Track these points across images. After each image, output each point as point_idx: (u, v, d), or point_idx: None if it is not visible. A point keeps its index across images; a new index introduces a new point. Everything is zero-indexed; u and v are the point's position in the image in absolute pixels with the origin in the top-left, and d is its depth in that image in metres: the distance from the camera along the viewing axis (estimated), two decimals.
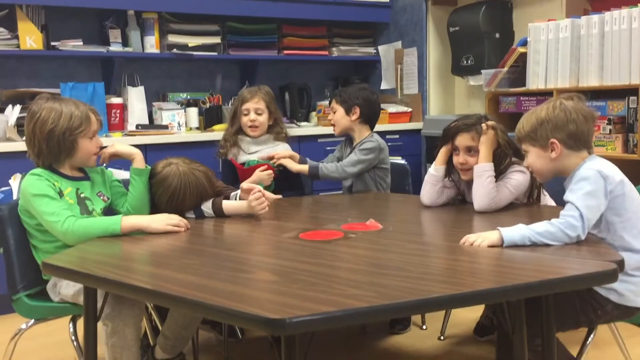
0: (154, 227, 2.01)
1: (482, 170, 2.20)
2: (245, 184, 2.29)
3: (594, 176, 1.76)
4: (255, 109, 2.80)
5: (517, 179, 2.22)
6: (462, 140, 2.28)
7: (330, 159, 2.97)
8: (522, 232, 1.73)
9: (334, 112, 2.89)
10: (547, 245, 1.71)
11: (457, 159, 2.31)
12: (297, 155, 2.82)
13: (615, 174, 1.81)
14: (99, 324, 1.84)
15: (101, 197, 2.16)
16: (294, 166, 2.76)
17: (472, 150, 2.27)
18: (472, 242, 1.75)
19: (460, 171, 2.33)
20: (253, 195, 2.21)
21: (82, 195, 2.09)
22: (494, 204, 2.18)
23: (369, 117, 2.88)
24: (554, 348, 1.67)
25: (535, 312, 1.65)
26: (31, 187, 1.97)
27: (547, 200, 2.36)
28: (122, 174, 2.35)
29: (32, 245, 2.07)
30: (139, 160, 2.20)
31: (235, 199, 2.30)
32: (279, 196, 2.71)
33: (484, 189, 2.18)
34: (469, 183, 2.30)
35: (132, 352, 1.88)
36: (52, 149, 2.02)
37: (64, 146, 2.03)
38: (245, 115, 2.81)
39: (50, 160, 2.05)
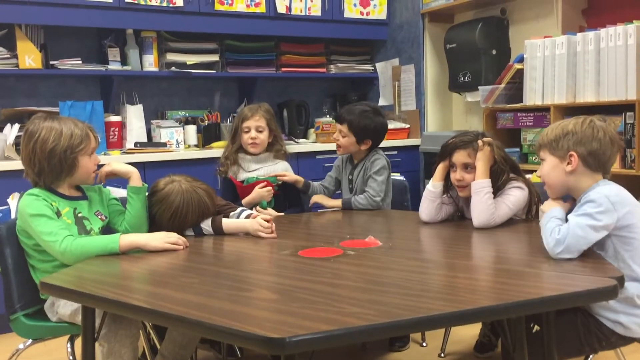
0: (152, 245, 2.00)
1: (480, 186, 2.20)
2: (260, 219, 2.23)
3: (600, 200, 1.74)
4: (256, 127, 2.80)
5: (515, 195, 2.22)
6: (459, 157, 2.29)
7: (327, 181, 2.97)
8: (554, 214, 1.82)
9: (343, 137, 2.77)
10: (547, 258, 1.72)
11: (454, 176, 2.31)
12: (301, 180, 2.82)
13: (625, 202, 1.77)
14: (96, 344, 1.82)
15: (99, 217, 2.16)
16: (328, 202, 2.82)
17: (468, 167, 2.28)
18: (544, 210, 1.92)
19: (458, 188, 2.33)
20: (262, 222, 2.18)
21: (79, 215, 2.08)
22: (493, 220, 2.18)
23: (377, 144, 2.86)
24: None
25: (537, 338, 1.63)
26: (29, 208, 1.97)
27: None
28: (120, 192, 2.35)
29: (30, 265, 2.06)
30: (135, 179, 2.20)
31: (237, 218, 2.29)
32: (282, 214, 2.71)
33: (483, 205, 2.18)
34: (467, 200, 2.30)
35: None
36: (53, 168, 2.02)
37: (65, 164, 2.03)
38: (246, 132, 2.81)
39: (52, 179, 2.05)
